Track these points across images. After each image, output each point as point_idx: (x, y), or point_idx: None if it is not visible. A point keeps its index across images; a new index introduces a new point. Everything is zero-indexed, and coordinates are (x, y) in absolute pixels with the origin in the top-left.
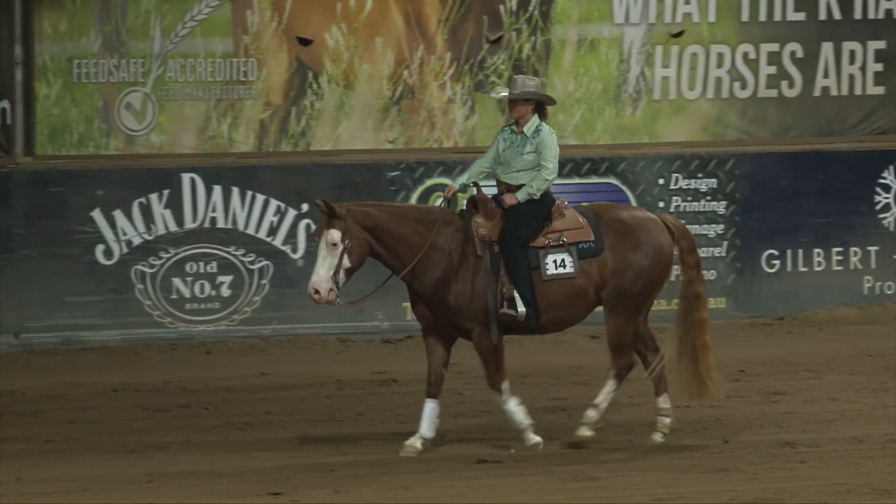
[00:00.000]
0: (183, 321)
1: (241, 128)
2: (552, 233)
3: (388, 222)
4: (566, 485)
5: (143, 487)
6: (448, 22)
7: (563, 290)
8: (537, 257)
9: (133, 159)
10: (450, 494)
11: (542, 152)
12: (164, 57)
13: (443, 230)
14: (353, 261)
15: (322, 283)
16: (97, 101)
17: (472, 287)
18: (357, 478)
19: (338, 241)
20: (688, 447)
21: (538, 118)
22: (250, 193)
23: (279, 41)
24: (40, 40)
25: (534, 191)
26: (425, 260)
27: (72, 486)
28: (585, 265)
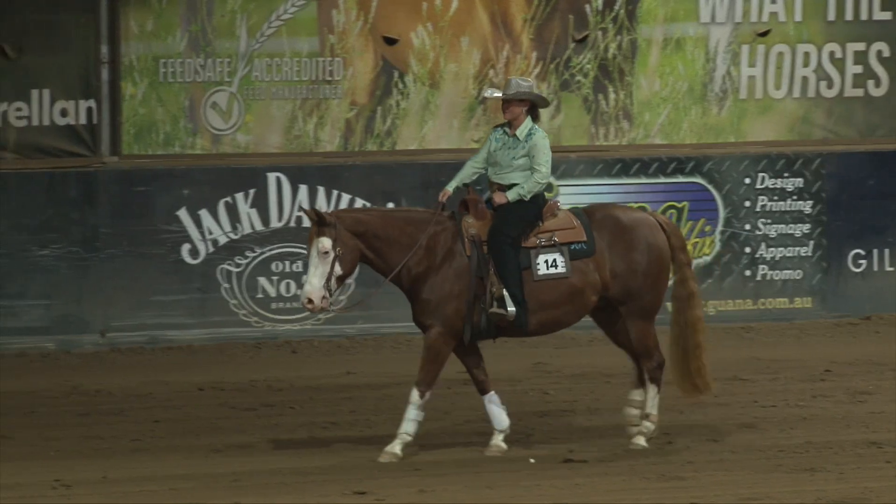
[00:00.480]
0: (269, 320)
1: (327, 127)
2: (544, 233)
3: (377, 226)
4: (651, 484)
5: (229, 487)
6: (534, 21)
7: (555, 290)
8: (528, 257)
9: (219, 159)
10: (535, 494)
11: (534, 156)
12: (250, 56)
13: (433, 231)
14: (345, 268)
15: (315, 293)
16: (183, 100)
17: (450, 287)
18: (442, 477)
19: (329, 249)
20: (773, 446)
21: (531, 121)
22: (336, 193)
23: (365, 40)
24: (126, 40)
25: (525, 192)
26: (411, 259)
27: (158, 485)
28: (580, 265)
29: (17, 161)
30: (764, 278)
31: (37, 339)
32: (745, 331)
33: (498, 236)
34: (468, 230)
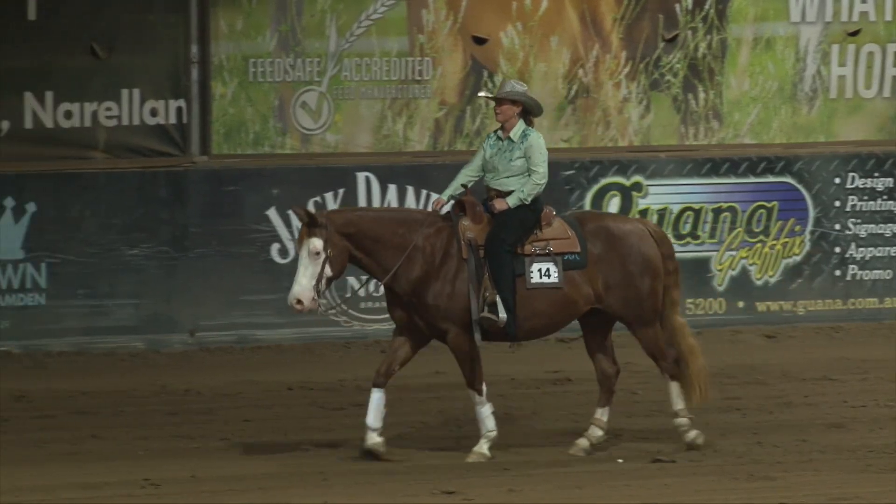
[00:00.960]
0: (357, 320)
1: (416, 126)
2: (539, 241)
3: (367, 227)
4: (740, 484)
5: (318, 486)
6: (623, 20)
7: (546, 299)
8: (523, 265)
9: (308, 158)
10: (624, 494)
11: (531, 157)
12: (340, 56)
13: (426, 232)
14: (335, 270)
15: (305, 293)
16: (273, 100)
17: (453, 288)
18: (531, 476)
19: (320, 250)
20: (863, 447)
21: (524, 123)
22: (425, 192)
23: (454, 40)
24: (216, 40)
25: (525, 196)
26: (407, 261)
27: (247, 483)
28: (572, 276)
29: (107, 161)
30: (854, 278)
31: (126, 339)
32: (834, 331)
33: (496, 242)
34: (465, 233)
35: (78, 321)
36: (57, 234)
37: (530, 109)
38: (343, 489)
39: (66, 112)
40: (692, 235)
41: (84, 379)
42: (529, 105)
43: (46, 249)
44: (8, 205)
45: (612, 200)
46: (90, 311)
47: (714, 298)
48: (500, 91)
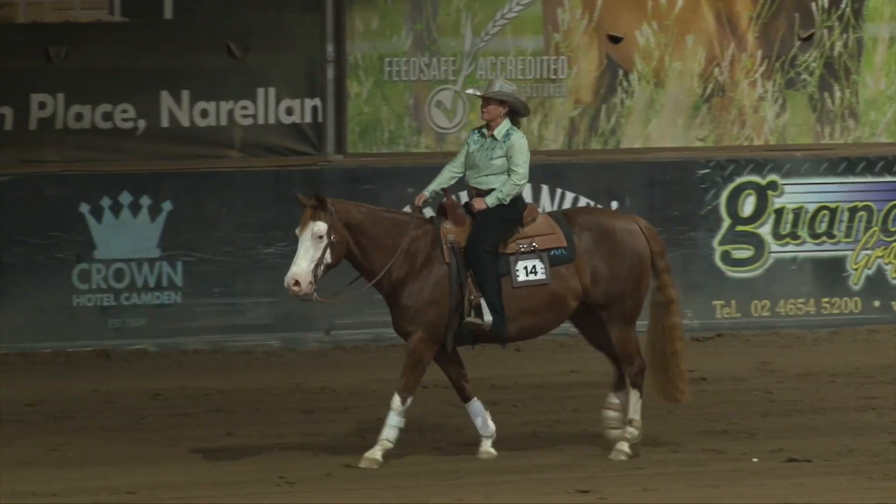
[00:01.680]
0: None
1: (552, 125)
2: (523, 238)
3: (367, 224)
4: (876, 484)
5: (452, 484)
6: (759, 19)
7: (535, 296)
8: (508, 264)
9: (443, 157)
10: (759, 493)
11: (512, 157)
12: (475, 55)
13: (414, 234)
14: (334, 257)
15: (303, 275)
16: (408, 98)
17: (430, 293)
18: (666, 476)
19: (324, 234)
20: None
21: (509, 123)
22: (559, 191)
23: (589, 39)
24: (352, 39)
25: (503, 196)
26: (394, 265)
27: (381, 482)
28: (560, 271)
29: (243, 159)
30: None
31: (262, 337)
32: None
33: (476, 244)
34: (446, 236)
35: (213, 319)
36: (193, 232)
37: (517, 110)
38: (477, 488)
39: (202, 111)
40: (828, 234)
41: (220, 377)
42: (516, 106)
43: (182, 248)
44: (144, 203)
45: (748, 199)
46: (226, 309)
47: (850, 298)
48: (489, 90)
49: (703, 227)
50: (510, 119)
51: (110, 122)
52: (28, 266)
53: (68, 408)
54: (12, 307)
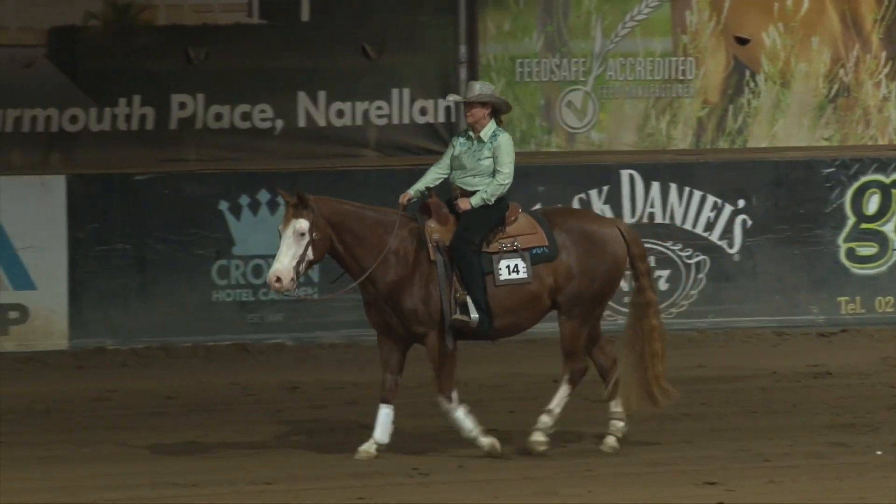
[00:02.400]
0: (622, 314)
1: (679, 125)
2: (506, 238)
3: (352, 221)
4: None
5: (584, 476)
6: (883, 21)
7: (516, 295)
8: (491, 262)
9: (573, 156)
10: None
11: (498, 157)
12: (605, 56)
13: (399, 233)
14: (316, 254)
15: (285, 272)
16: (539, 99)
17: (427, 291)
18: (791, 468)
19: (305, 232)
20: None
21: (495, 124)
22: (688, 190)
23: (717, 40)
24: (484, 40)
25: (488, 196)
26: (382, 263)
27: (514, 474)
28: (539, 270)
29: (377, 158)
30: None
31: None
32: None
33: (461, 243)
34: (431, 235)
35: (349, 314)
36: None
37: (499, 108)
38: (607, 480)
39: (338, 111)
40: None
41: (354, 370)
42: (498, 105)
43: None
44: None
45: (872, 198)
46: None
47: None
48: (469, 94)
49: (828, 224)
50: (495, 118)
51: (249, 122)
52: (168, 262)
53: (208, 400)
54: (153, 303)
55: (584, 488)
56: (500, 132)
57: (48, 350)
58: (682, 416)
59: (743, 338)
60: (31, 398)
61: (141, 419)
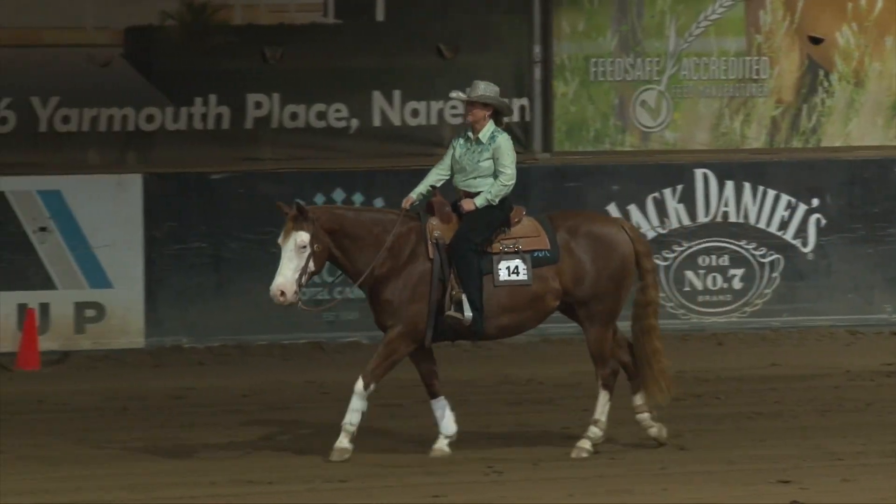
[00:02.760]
0: (695, 313)
1: (753, 124)
2: (508, 239)
3: (348, 226)
4: None
5: (657, 474)
6: None
7: (515, 296)
8: (490, 263)
9: (647, 155)
10: None
11: (498, 158)
12: (679, 56)
13: (399, 231)
14: (317, 265)
15: (288, 285)
16: (613, 98)
17: (412, 290)
18: (865, 467)
19: (307, 244)
20: None
21: (494, 125)
22: (761, 189)
23: (791, 40)
24: (559, 40)
25: (492, 196)
26: (377, 263)
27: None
28: (541, 273)
29: None
30: None
31: None
32: None
33: (463, 242)
34: (432, 232)
35: None
36: None
37: (501, 111)
38: (682, 478)
39: (412, 110)
40: None
41: None
42: (500, 107)
43: None
44: (357, 200)
45: None
46: None
47: None
48: (472, 93)
49: None
50: (495, 121)
51: (324, 122)
52: (244, 261)
53: (283, 399)
54: (229, 301)
55: (659, 486)
56: (498, 133)
57: (124, 348)
58: (756, 414)
59: (816, 337)
60: (107, 396)
61: (217, 417)
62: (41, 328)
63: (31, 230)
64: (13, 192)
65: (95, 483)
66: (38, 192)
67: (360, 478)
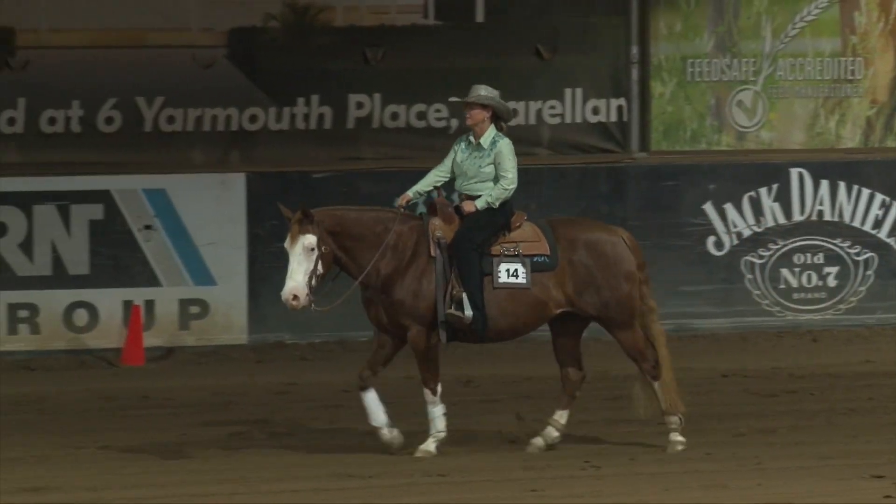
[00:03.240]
0: (790, 310)
1: (848, 124)
2: (508, 242)
3: (350, 226)
4: None
5: (752, 469)
6: None
7: (514, 299)
8: (491, 264)
9: (743, 155)
10: None
11: (500, 163)
12: (774, 56)
13: (399, 229)
14: (325, 267)
15: (300, 288)
16: (709, 98)
17: (420, 285)
18: None
19: (315, 246)
20: None
21: (495, 130)
22: (856, 187)
23: (885, 41)
24: (656, 41)
25: (493, 200)
26: (379, 259)
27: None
28: (542, 278)
29: (550, 157)
30: None
31: None
32: None
33: (464, 241)
34: (434, 232)
35: None
36: None
37: (501, 114)
38: (776, 473)
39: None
40: None
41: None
42: (500, 110)
43: None
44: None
45: None
46: None
47: None
48: (470, 94)
49: None
50: (495, 125)
51: (424, 122)
52: None
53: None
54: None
55: (754, 481)
56: (499, 138)
57: (228, 344)
58: (850, 411)
59: None
60: (211, 391)
61: (319, 412)
62: (146, 324)
63: (137, 228)
64: (119, 190)
65: (199, 477)
66: (144, 191)
67: (458, 472)
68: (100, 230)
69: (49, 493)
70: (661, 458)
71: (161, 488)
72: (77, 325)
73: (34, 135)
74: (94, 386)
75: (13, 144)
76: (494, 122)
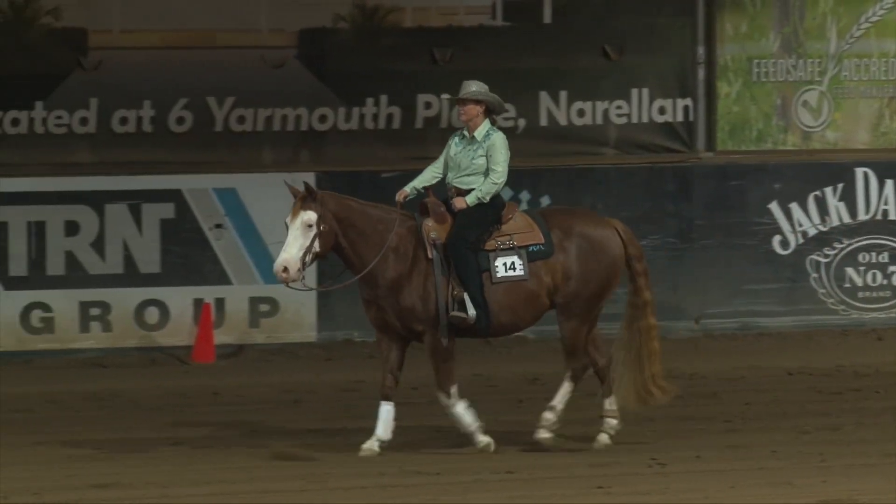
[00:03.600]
0: (856, 308)
1: None
2: (502, 236)
3: (356, 217)
4: None
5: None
6: None
7: (513, 292)
8: (487, 260)
9: (808, 154)
10: None
11: (492, 156)
12: (840, 57)
13: (399, 231)
14: (322, 247)
15: (292, 262)
16: (775, 98)
17: (424, 289)
18: None
19: (313, 223)
20: None
21: (489, 123)
22: None
23: None
24: (722, 41)
25: (483, 195)
26: (382, 260)
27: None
28: (537, 268)
29: (617, 157)
30: None
31: None
32: None
33: (457, 240)
34: (429, 233)
35: None
36: None
37: (493, 108)
38: (841, 470)
39: (578, 111)
40: None
41: None
42: (493, 104)
43: None
44: (524, 198)
45: None
46: None
47: None
48: (463, 92)
49: None
50: (489, 118)
51: None
52: None
53: None
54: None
55: (818, 478)
56: (493, 131)
57: (297, 342)
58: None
59: None
60: (281, 389)
61: None
62: (216, 322)
63: (207, 227)
64: (190, 190)
65: (267, 473)
66: (214, 190)
67: (526, 469)
68: (171, 229)
69: (119, 489)
70: (727, 455)
71: (230, 484)
72: (148, 322)
73: (106, 135)
74: (164, 383)
75: (86, 144)
76: (488, 116)
